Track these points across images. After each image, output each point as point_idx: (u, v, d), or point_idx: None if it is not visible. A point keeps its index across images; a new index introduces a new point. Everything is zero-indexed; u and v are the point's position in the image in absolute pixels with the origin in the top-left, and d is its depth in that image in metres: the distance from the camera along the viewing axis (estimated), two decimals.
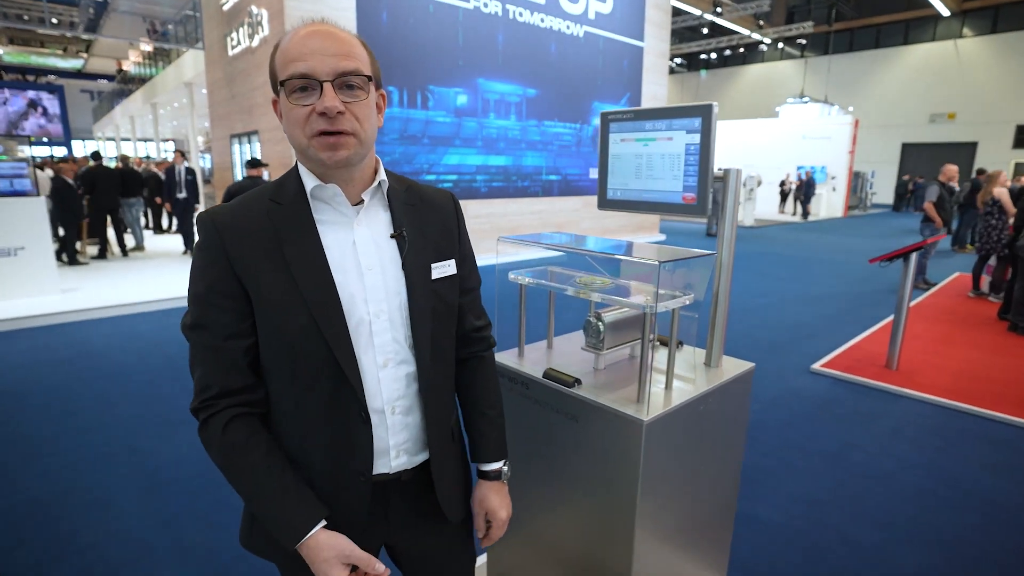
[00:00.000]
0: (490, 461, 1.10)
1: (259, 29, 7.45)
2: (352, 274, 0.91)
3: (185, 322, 0.91)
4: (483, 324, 1.13)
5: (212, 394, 0.89)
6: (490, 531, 1.10)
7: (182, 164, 8.79)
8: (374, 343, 0.92)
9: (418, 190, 1.04)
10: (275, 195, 0.92)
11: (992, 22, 23.75)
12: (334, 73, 0.84)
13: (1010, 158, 22.82)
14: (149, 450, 3.10)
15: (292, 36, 0.86)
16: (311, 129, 0.85)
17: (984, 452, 3.20)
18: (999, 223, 6.48)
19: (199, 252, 0.90)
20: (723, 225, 1.48)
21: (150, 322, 5.67)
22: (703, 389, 1.37)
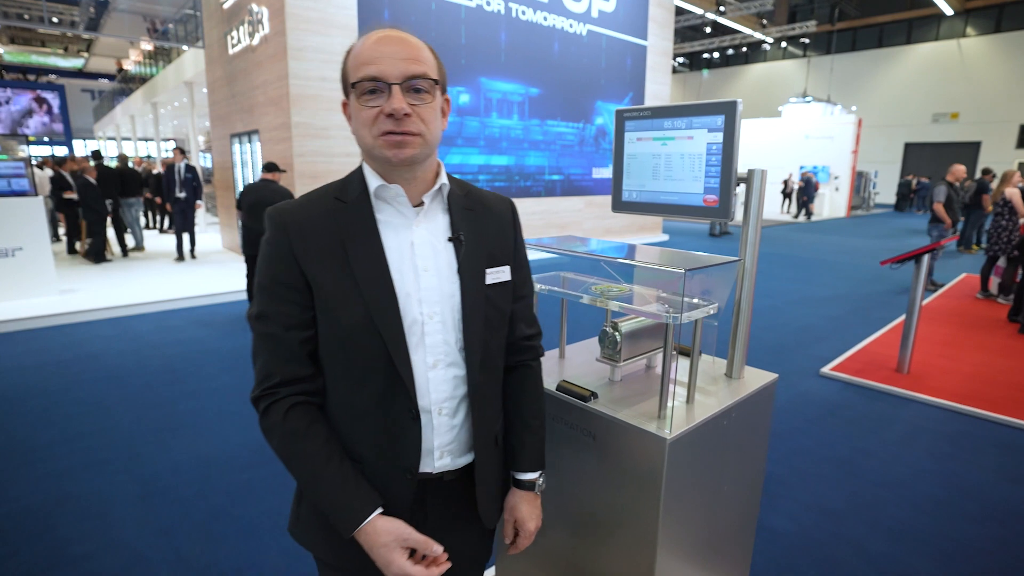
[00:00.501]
0: (527, 471, 1.10)
1: (259, 27, 7.38)
2: (408, 275, 0.94)
3: (251, 312, 0.95)
4: (534, 333, 1.14)
5: (273, 383, 0.93)
6: (517, 540, 1.11)
7: (182, 162, 8.37)
8: (425, 343, 0.94)
9: (477, 195, 1.06)
10: (340, 193, 0.96)
11: (996, 21, 23.65)
12: (402, 76, 0.88)
13: (1013, 158, 22.72)
14: (146, 456, 3.03)
15: (364, 41, 0.90)
16: (378, 129, 0.89)
17: (1000, 459, 3.12)
18: (1010, 224, 6.40)
19: (267, 245, 0.94)
20: (746, 229, 1.41)
21: (149, 324, 5.60)
22: (727, 403, 1.30)
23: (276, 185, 5.31)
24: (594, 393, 1.30)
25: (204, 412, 3.58)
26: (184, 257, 8.72)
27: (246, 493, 2.71)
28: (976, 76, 23.85)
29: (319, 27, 7.04)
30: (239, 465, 2.96)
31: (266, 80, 7.45)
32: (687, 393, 1.29)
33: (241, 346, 4.91)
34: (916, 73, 25.45)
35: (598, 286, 1.38)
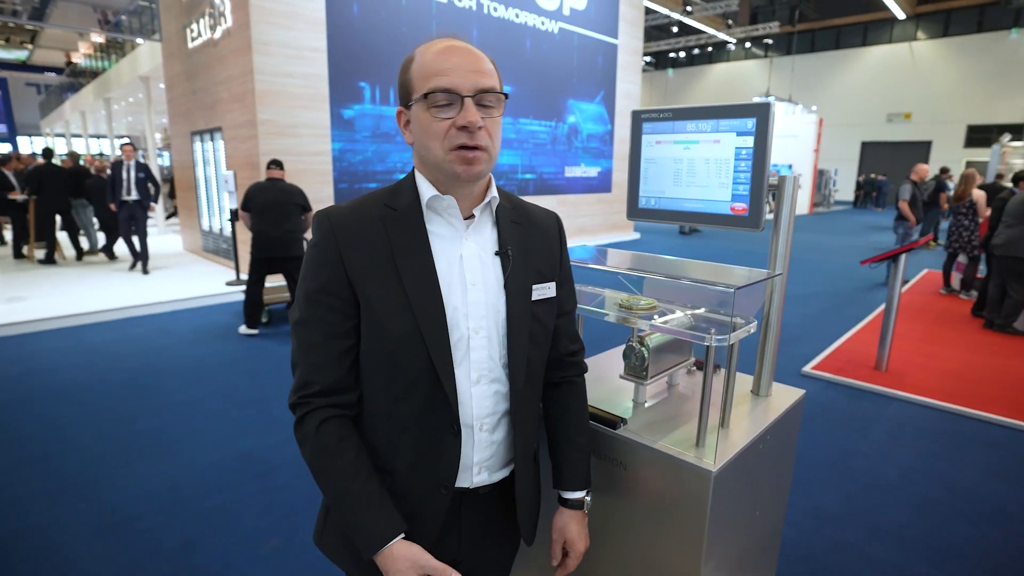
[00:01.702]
0: (575, 489, 1.08)
1: (222, 20, 7.05)
2: (456, 288, 0.92)
3: (293, 318, 0.94)
4: (577, 348, 1.13)
5: (311, 391, 0.91)
6: (566, 560, 1.09)
7: (132, 160, 7.41)
8: (470, 358, 0.93)
9: (524, 209, 1.05)
10: (391, 201, 0.94)
11: (944, 26, 24.62)
12: (475, 89, 0.86)
13: (961, 156, 23.70)
14: (108, 482, 2.80)
15: (429, 50, 0.88)
16: (450, 143, 0.87)
17: (983, 457, 3.16)
18: (971, 224, 6.59)
19: (314, 250, 0.92)
20: (776, 241, 1.33)
21: (107, 334, 5.27)
22: (763, 426, 1.21)
23: (284, 183, 5.10)
24: (623, 419, 1.19)
25: (170, 430, 3.35)
26: (138, 263, 7.75)
27: (221, 519, 2.52)
28: (927, 78, 24.79)
29: (285, 21, 6.76)
30: (212, 487, 2.76)
31: (229, 76, 7.12)
32: (721, 416, 1.20)
33: (208, 355, 4.65)
34: (871, 74, 26.31)
35: (624, 301, 1.27)
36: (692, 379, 1.49)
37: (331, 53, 7.24)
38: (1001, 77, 22.89)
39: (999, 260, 5.47)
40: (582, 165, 11.69)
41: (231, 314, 5.98)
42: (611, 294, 1.39)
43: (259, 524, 2.48)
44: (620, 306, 1.25)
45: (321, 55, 7.15)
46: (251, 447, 3.15)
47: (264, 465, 2.97)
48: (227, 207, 7.40)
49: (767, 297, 1.34)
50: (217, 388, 3.98)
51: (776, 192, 1.30)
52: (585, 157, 11.71)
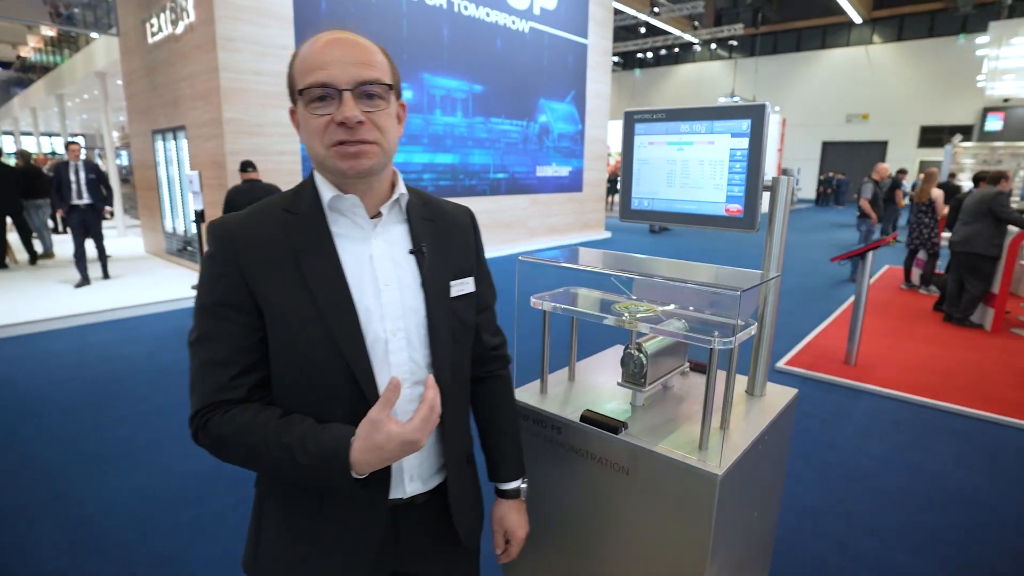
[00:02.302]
0: (510, 480, 1.10)
1: (184, 15, 6.82)
2: (368, 290, 0.89)
3: (191, 338, 0.88)
4: (499, 342, 1.12)
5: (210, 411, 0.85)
6: (508, 548, 1.11)
7: (79, 160, 6.65)
8: (390, 362, 0.89)
9: (436, 204, 1.02)
10: (290, 205, 0.89)
11: (898, 30, 25.54)
12: (354, 82, 0.82)
13: (915, 156, 24.63)
14: (73, 497, 2.67)
15: (312, 44, 0.85)
16: (329, 139, 0.83)
17: (952, 447, 3.28)
18: (931, 221, 6.84)
19: (209, 262, 0.86)
20: (770, 242, 1.34)
21: (65, 341, 5.04)
22: (761, 426, 1.22)
23: (262, 184, 5.07)
24: (624, 423, 1.18)
25: (138, 440, 3.22)
26: (90, 279, 6.84)
27: (197, 532, 2.43)
28: (883, 80, 25.68)
29: (251, 16, 6.58)
30: (186, 499, 2.66)
31: (193, 72, 6.90)
32: (721, 418, 1.19)
33: (176, 361, 4.49)
34: (831, 76, 27.11)
35: (622, 304, 1.26)
36: (685, 381, 1.49)
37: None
38: (950, 80, 23.86)
39: (957, 256, 5.69)
40: (553, 164, 11.72)
41: None
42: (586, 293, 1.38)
43: (235, 537, 2.40)
44: (619, 310, 1.24)
45: (289, 52, 6.97)
46: None
47: (237, 476, 2.87)
48: (192, 208, 7.18)
49: (761, 298, 1.35)
50: (187, 395, 3.83)
51: (770, 193, 1.31)
52: (556, 156, 11.74)
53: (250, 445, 0.82)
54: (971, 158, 14.20)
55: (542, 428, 1.29)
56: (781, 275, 1.34)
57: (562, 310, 1.31)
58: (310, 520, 0.91)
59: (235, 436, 0.82)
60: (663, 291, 1.34)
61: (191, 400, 0.87)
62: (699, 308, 1.29)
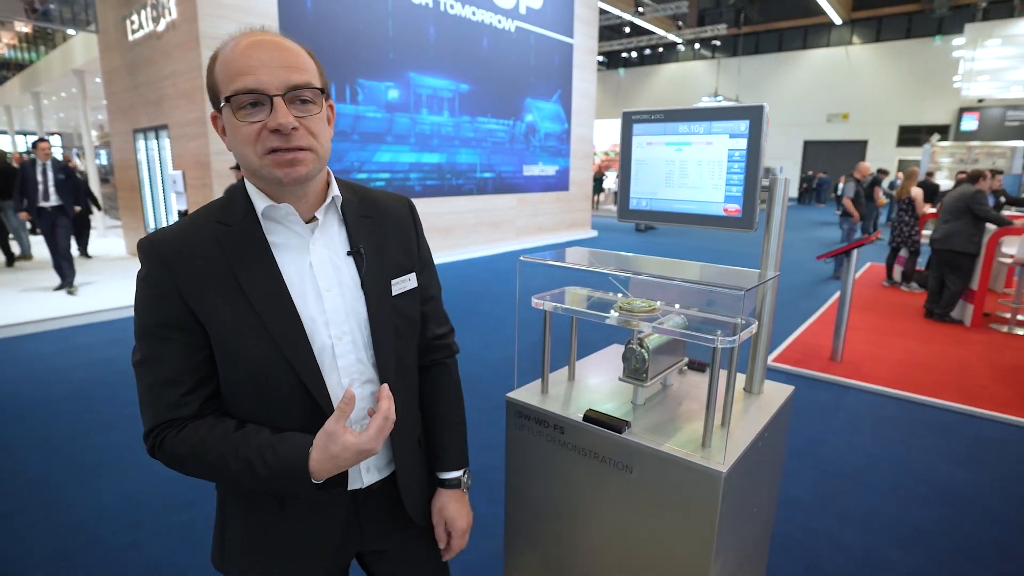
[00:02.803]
0: (451, 470, 1.09)
1: (165, 12, 6.71)
2: (311, 297, 0.88)
3: (135, 359, 0.86)
4: (445, 331, 1.12)
5: (162, 430, 0.85)
6: (450, 542, 1.10)
7: (48, 160, 6.25)
8: (338, 365, 0.90)
9: (372, 199, 1.00)
10: (222, 217, 0.87)
11: (876, 31, 25.96)
12: (284, 87, 0.80)
13: (894, 155, 25.06)
14: (61, 503, 2.62)
15: (233, 47, 0.80)
16: (263, 147, 0.81)
17: (937, 441, 3.34)
18: (911, 219, 6.97)
19: (143, 283, 0.85)
20: (768, 240, 1.35)
21: (49, 344, 4.94)
22: (761, 424, 1.24)
23: None
24: (627, 422, 1.19)
25: (127, 444, 3.17)
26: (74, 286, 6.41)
27: (188, 536, 2.40)
28: (862, 80, 26.08)
29: (235, 14, 6.50)
30: (177, 504, 2.62)
31: (175, 71, 6.80)
32: (721, 416, 1.21)
33: None
34: (812, 76, 27.47)
35: (623, 303, 1.27)
36: (683, 379, 1.50)
37: None
38: (927, 81, 24.31)
39: (937, 253, 5.81)
40: (540, 164, 11.74)
41: None
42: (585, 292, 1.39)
43: None
44: (621, 308, 1.25)
45: None
46: None
47: None
48: (175, 208, 7.08)
49: (760, 297, 1.37)
50: None
51: (768, 193, 1.33)
52: (543, 156, 11.76)
53: (208, 463, 0.83)
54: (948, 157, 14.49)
55: (545, 428, 1.30)
56: (763, 270, 1.36)
57: (563, 310, 1.31)
58: (273, 518, 0.94)
59: (191, 456, 0.83)
60: (660, 289, 1.35)
61: (143, 419, 0.86)
62: (696, 306, 1.30)
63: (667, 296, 1.34)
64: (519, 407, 1.34)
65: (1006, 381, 4.18)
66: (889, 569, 2.27)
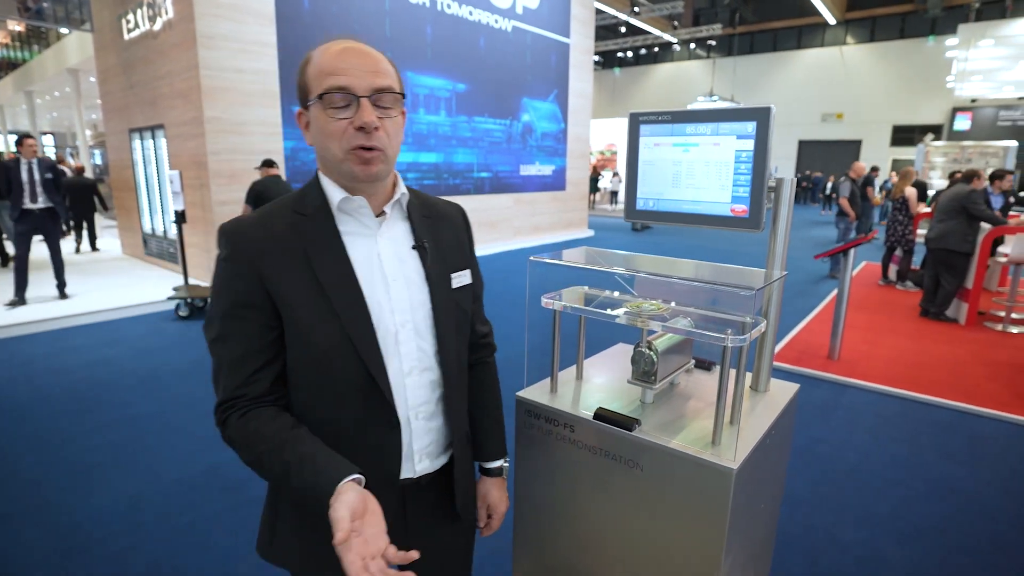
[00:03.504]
0: (494, 459, 1.18)
1: (162, 11, 6.68)
2: (378, 285, 0.94)
3: (209, 336, 0.92)
4: (488, 330, 1.20)
5: (233, 403, 0.90)
6: (490, 522, 1.19)
7: (33, 158, 5.82)
8: (400, 352, 0.95)
9: (431, 202, 1.08)
10: (298, 206, 0.94)
11: (870, 31, 26.09)
12: (370, 89, 0.87)
13: (888, 155, 25.19)
14: (60, 505, 2.61)
15: (326, 51, 0.88)
16: (348, 143, 0.87)
17: (934, 438, 3.37)
18: (905, 219, 7.02)
19: (224, 264, 0.90)
20: (775, 240, 1.37)
21: (44, 345, 4.92)
22: (769, 421, 1.25)
23: (283, 180, 5.49)
24: (637, 420, 1.20)
25: (125, 446, 3.16)
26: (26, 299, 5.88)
27: (190, 538, 2.39)
28: (856, 80, 26.20)
29: (232, 13, 6.48)
30: (178, 506, 2.62)
31: (171, 70, 6.77)
32: (731, 414, 1.22)
33: (160, 364, 4.41)
34: (806, 76, 27.58)
35: (632, 304, 1.28)
36: (690, 378, 1.51)
37: (281, 48, 6.99)
38: (920, 81, 24.45)
39: (932, 252, 5.85)
40: (537, 163, 11.75)
41: (183, 321, 5.69)
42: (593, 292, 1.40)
43: (232, 542, 2.37)
44: (630, 309, 1.26)
45: (271, 50, 6.89)
46: (217, 460, 3.00)
47: (233, 479, 2.84)
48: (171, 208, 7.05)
49: (766, 296, 1.38)
50: (174, 399, 3.78)
51: (774, 194, 1.34)
52: (540, 155, 11.78)
53: (256, 454, 0.87)
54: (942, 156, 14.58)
55: (555, 426, 1.31)
56: (769, 269, 1.37)
57: (573, 309, 1.32)
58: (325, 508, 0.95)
59: (243, 444, 0.88)
60: (665, 289, 1.36)
61: (216, 392, 0.92)
62: (703, 306, 1.31)
63: (673, 296, 1.35)
64: (529, 406, 1.35)
65: (1001, 379, 4.22)
66: (888, 566, 2.29)
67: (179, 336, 5.20)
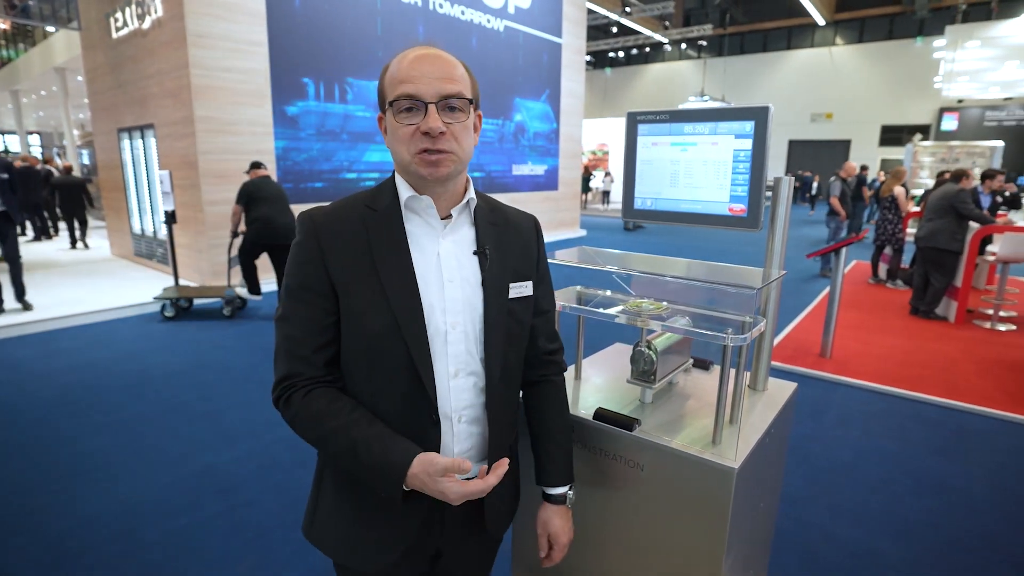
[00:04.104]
0: (557, 485, 1.13)
1: (151, 9, 6.62)
2: (434, 285, 0.96)
3: (277, 313, 0.97)
4: (555, 347, 1.16)
5: (292, 382, 0.94)
6: (552, 553, 1.15)
7: None
8: (448, 352, 0.96)
9: (503, 211, 1.09)
10: (371, 202, 0.98)
11: (859, 32, 26.33)
12: (438, 95, 0.90)
13: (877, 154, 25.44)
14: (50, 511, 2.58)
15: (402, 59, 0.92)
16: (415, 147, 0.91)
17: (924, 435, 3.40)
18: (895, 218, 7.08)
19: (297, 248, 0.96)
20: (772, 239, 1.37)
21: (31, 348, 4.85)
22: (769, 420, 1.25)
23: (273, 181, 5.58)
24: (637, 420, 1.20)
25: (118, 450, 3.13)
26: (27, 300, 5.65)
27: (186, 543, 2.37)
28: (845, 80, 26.43)
29: (223, 12, 6.42)
30: (172, 509, 2.59)
31: (161, 69, 6.70)
32: (731, 413, 1.22)
33: (152, 366, 4.36)
34: (796, 76, 27.79)
35: (632, 303, 1.28)
36: (688, 377, 1.52)
37: (272, 47, 6.94)
38: (908, 81, 24.70)
39: (922, 251, 5.91)
40: (529, 163, 11.75)
41: (173, 322, 5.64)
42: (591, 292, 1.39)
43: (227, 546, 2.35)
44: (630, 308, 1.25)
45: (262, 49, 6.84)
46: (209, 463, 2.98)
47: (226, 482, 2.81)
48: (161, 208, 6.98)
49: (764, 295, 1.38)
50: (164, 402, 3.74)
51: (772, 193, 1.34)
52: (532, 155, 11.78)
53: (323, 430, 0.92)
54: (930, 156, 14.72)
55: None
56: (766, 267, 1.37)
57: (573, 309, 1.32)
58: (363, 496, 1.00)
59: (311, 420, 0.92)
60: (663, 288, 1.36)
61: (275, 368, 0.96)
62: (700, 305, 1.31)
63: (670, 295, 1.35)
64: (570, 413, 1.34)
65: (990, 375, 4.27)
66: (881, 561, 2.31)
67: (170, 338, 5.15)
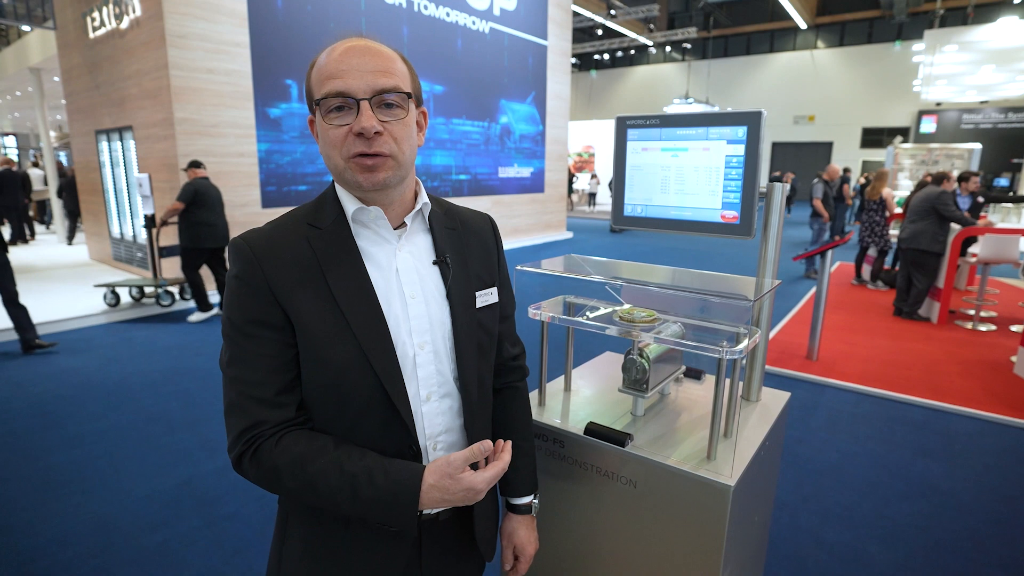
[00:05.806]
0: (523, 495, 1.07)
1: (129, 9, 6.48)
2: (396, 303, 0.87)
3: (224, 358, 0.85)
4: (519, 352, 1.10)
5: (258, 432, 0.81)
6: (517, 565, 1.08)
7: None
8: (417, 375, 0.88)
9: (457, 213, 1.01)
10: (313, 219, 0.88)
11: (840, 36, 26.70)
12: (372, 91, 0.80)
13: (858, 156, 25.79)
14: (21, 527, 2.48)
15: (329, 52, 0.82)
16: (348, 151, 0.82)
17: (911, 437, 3.42)
18: (881, 220, 7.15)
19: (235, 281, 0.84)
20: (765, 247, 1.34)
21: (4, 355, 4.71)
22: (764, 432, 1.22)
23: (210, 180, 5.52)
24: (629, 435, 1.17)
25: (93, 462, 3.03)
26: None
27: (163, 559, 2.29)
28: (826, 83, 26.78)
29: (203, 11, 6.31)
30: (148, 524, 2.51)
31: (139, 70, 6.56)
32: (724, 427, 1.19)
33: (131, 375, 4.25)
34: (778, 79, 28.09)
35: (622, 313, 1.24)
36: (680, 387, 1.49)
37: (254, 48, 6.83)
38: (888, 84, 25.09)
39: (904, 252, 5.97)
40: (515, 165, 11.73)
41: (152, 328, 5.51)
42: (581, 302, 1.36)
43: (208, 561, 2.28)
44: (621, 318, 1.22)
45: (244, 50, 6.73)
46: (189, 475, 2.90)
47: (206, 495, 2.74)
48: (140, 212, 6.84)
49: (757, 306, 1.36)
50: (143, 412, 3.65)
51: (765, 200, 1.32)
52: (518, 158, 11.75)
53: (309, 474, 0.79)
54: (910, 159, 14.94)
55: (544, 442, 1.26)
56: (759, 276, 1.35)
57: (562, 321, 1.28)
58: (336, 540, 0.90)
59: (290, 466, 0.80)
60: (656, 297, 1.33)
61: (230, 424, 0.83)
62: (693, 314, 1.29)
63: (662, 304, 1.32)
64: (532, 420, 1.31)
65: (972, 376, 4.31)
66: (871, 565, 2.30)
67: (149, 344, 5.03)
